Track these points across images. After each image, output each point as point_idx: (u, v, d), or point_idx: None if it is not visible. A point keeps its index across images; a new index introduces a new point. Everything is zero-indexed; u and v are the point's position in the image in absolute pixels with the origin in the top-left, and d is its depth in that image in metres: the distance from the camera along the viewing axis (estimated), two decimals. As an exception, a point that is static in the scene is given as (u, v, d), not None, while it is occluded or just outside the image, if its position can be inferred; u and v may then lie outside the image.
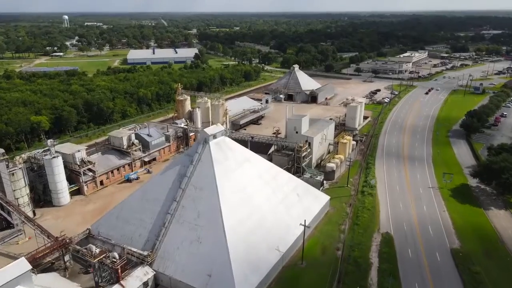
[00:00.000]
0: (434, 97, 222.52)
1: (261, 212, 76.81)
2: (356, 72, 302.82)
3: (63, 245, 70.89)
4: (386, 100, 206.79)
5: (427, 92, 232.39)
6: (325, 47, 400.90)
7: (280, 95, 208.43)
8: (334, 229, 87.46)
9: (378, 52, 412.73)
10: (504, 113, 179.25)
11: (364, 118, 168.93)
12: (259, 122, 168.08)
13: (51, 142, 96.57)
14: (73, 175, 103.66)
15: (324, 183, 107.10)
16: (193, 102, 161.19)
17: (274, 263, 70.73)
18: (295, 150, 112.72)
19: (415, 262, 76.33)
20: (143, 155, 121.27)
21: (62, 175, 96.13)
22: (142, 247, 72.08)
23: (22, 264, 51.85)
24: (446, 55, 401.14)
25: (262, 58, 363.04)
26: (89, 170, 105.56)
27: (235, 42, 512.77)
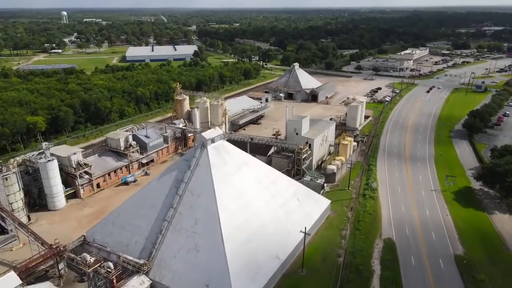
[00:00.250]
0: (435, 95, 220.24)
1: (260, 219, 74.92)
2: (357, 69, 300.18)
3: (57, 253, 69.08)
4: (387, 99, 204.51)
5: (428, 91, 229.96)
6: (325, 44, 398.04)
7: (280, 94, 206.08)
8: (335, 234, 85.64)
9: (379, 49, 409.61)
10: (507, 112, 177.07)
11: (365, 118, 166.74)
12: (259, 121, 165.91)
13: (46, 145, 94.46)
14: (69, 178, 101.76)
15: (325, 186, 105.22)
16: (192, 101, 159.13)
17: (274, 271, 68.92)
18: (295, 152, 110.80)
19: (418, 269, 74.52)
20: (140, 157, 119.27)
21: (57, 179, 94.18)
22: (138, 255, 70.31)
23: (11, 279, 49.97)
24: (447, 52, 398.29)
25: (262, 55, 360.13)
26: (85, 173, 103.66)
27: (235, 39, 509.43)
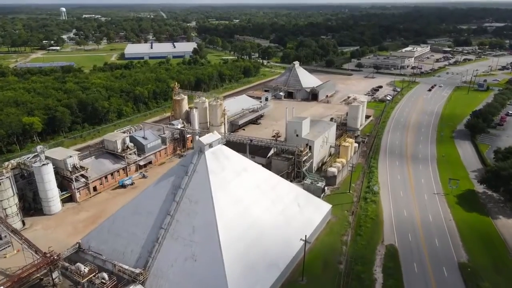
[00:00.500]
0: (437, 94, 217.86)
1: (259, 226, 73.02)
2: (357, 67, 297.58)
3: (51, 262, 67.22)
4: (389, 98, 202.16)
5: (430, 89, 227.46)
6: (325, 41, 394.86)
7: (280, 93, 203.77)
8: (336, 240, 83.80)
9: (380, 46, 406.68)
10: (510, 111, 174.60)
11: (366, 118, 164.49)
12: (259, 121, 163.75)
13: (40, 148, 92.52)
14: (64, 182, 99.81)
15: (325, 189, 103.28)
16: (190, 101, 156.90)
17: (273, 281, 67.19)
18: (295, 154, 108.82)
19: (421, 278, 72.74)
20: (138, 159, 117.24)
21: (52, 183, 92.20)
22: (134, 264, 68.49)
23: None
24: (448, 49, 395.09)
25: (261, 53, 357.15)
26: (81, 176, 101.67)
27: (235, 36, 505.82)
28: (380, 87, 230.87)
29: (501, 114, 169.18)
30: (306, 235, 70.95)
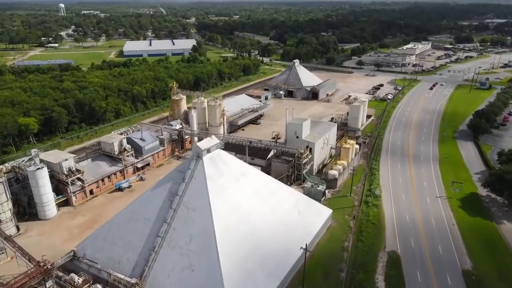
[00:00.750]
0: (439, 92, 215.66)
1: (258, 234, 71.12)
2: (358, 65, 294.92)
3: (45, 271, 65.36)
4: (390, 97, 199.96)
5: (431, 87, 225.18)
6: (326, 38, 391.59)
7: (280, 92, 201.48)
8: (336, 246, 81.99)
9: (380, 43, 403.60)
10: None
11: (367, 117, 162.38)
12: (258, 121, 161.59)
13: (35, 151, 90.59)
14: (60, 185, 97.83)
15: (326, 192, 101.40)
16: (189, 100, 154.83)
17: (273, 291, 65.46)
18: (296, 156, 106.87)
19: (424, 286, 70.95)
20: (135, 161, 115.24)
21: (47, 187, 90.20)
22: (130, 273, 66.72)
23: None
24: (450, 46, 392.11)
25: (261, 50, 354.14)
26: (77, 179, 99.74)
27: (234, 33, 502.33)
28: (381, 85, 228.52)
29: (503, 113, 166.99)
30: (306, 244, 69.02)
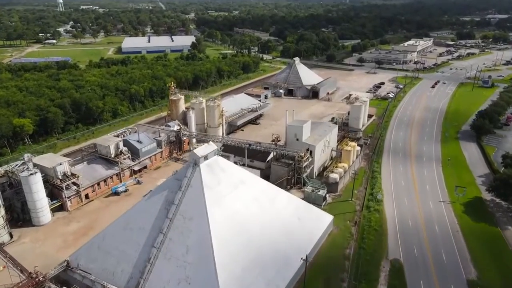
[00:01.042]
0: (441, 91, 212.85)
1: (257, 243, 68.95)
2: (359, 62, 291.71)
3: (36, 283, 63.40)
4: (391, 95, 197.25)
5: (433, 86, 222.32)
6: (326, 35, 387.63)
7: (280, 90, 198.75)
8: (338, 254, 79.85)
9: (381, 39, 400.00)
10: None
11: (369, 117, 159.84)
12: (258, 122, 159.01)
13: (28, 156, 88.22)
14: (55, 190, 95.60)
15: (327, 197, 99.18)
16: (188, 100, 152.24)
17: (272, 304, 63.46)
18: (296, 159, 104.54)
19: (428, 297, 69.15)
20: (132, 164, 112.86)
21: (41, 193, 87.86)
22: (125, 285, 64.76)
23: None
24: (451, 42, 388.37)
25: (261, 46, 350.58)
26: (73, 184, 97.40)
27: (234, 29, 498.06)
28: (382, 83, 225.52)
29: (507, 113, 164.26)
30: (306, 255, 66.94)
